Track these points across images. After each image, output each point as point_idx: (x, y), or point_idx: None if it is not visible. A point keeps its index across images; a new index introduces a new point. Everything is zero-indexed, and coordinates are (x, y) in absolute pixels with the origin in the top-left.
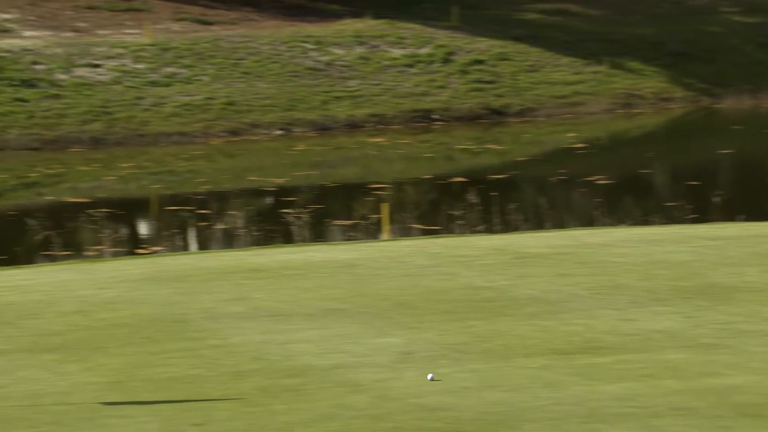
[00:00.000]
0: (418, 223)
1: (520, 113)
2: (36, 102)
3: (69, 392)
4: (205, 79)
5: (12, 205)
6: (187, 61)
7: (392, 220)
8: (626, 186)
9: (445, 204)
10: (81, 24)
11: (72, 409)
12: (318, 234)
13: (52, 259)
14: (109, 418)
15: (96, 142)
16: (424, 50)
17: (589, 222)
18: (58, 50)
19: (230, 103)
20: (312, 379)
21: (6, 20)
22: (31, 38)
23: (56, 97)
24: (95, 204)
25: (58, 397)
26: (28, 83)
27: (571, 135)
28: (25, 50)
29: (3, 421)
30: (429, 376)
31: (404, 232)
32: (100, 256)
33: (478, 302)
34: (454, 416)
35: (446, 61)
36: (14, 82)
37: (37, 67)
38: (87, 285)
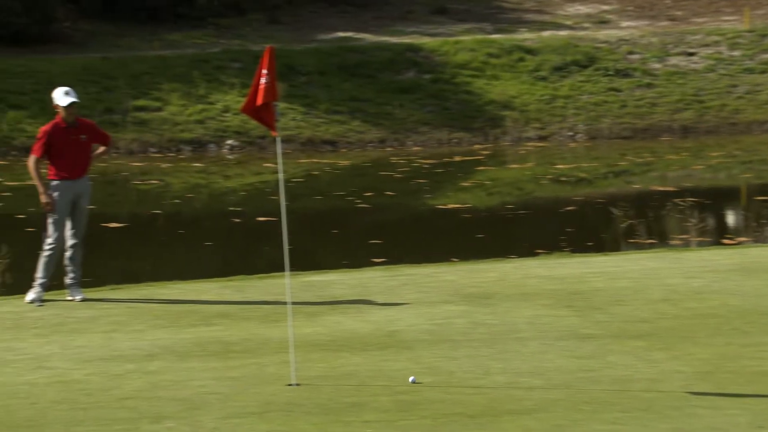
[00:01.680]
0: None
1: None
2: (629, 91)
3: (657, 380)
4: None
5: (601, 193)
6: None
7: None
8: None
9: None
10: (677, 12)
11: (660, 397)
12: None
13: (639, 246)
14: (698, 408)
15: (686, 131)
16: None
17: None
18: (654, 39)
19: None
20: None
21: (605, 11)
22: (627, 28)
23: (649, 86)
24: (682, 193)
25: (646, 384)
26: (622, 73)
27: None
28: (622, 40)
29: (594, 403)
30: (411, 379)
31: None
32: (686, 245)
33: None
34: None
35: None
36: (609, 72)
37: (632, 56)
38: (674, 274)
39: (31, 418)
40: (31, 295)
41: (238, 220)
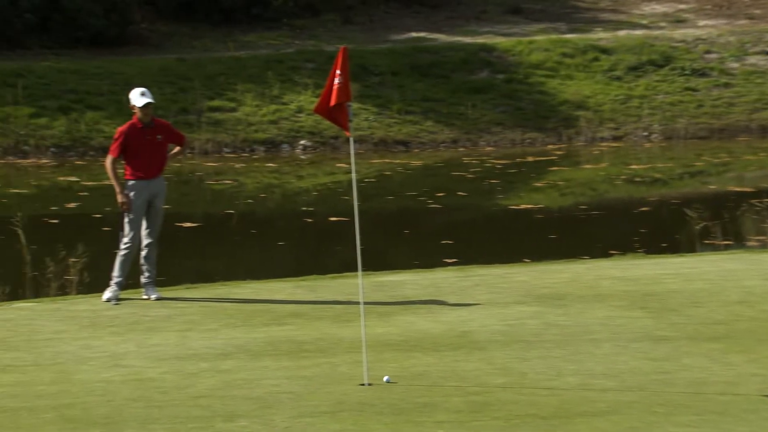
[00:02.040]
0: None
1: None
2: (706, 91)
3: (733, 382)
4: None
5: (676, 194)
6: None
7: None
8: None
9: None
10: (756, 11)
11: (737, 400)
12: None
13: (715, 248)
14: None
15: (764, 131)
16: None
17: None
18: (731, 38)
19: None
20: None
21: (682, 10)
22: (705, 27)
23: (726, 85)
24: (759, 193)
25: (722, 387)
26: (698, 72)
27: None
28: (699, 39)
29: (669, 405)
30: (385, 378)
31: None
32: (764, 247)
33: None
34: None
35: None
36: (685, 72)
37: (709, 56)
38: (752, 275)
39: (108, 416)
40: (107, 294)
41: (310, 220)
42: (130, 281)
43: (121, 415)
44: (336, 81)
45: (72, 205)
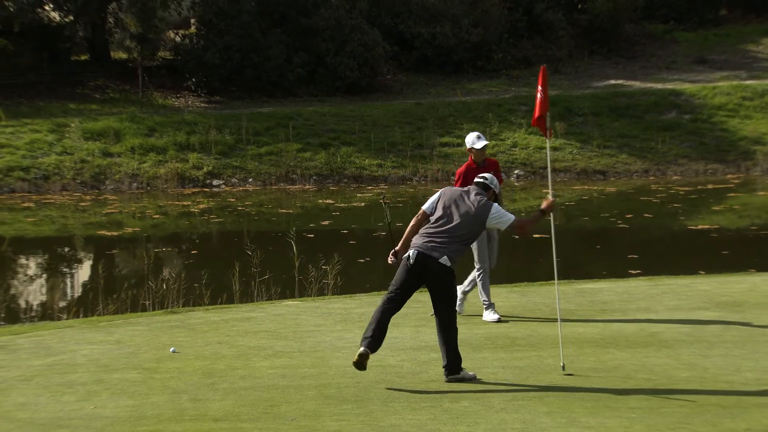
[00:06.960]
0: None
1: None
2: None
3: None
4: None
5: None
6: None
7: None
8: None
9: None
10: None
11: None
12: None
13: None
14: None
15: None
16: None
17: None
18: None
19: None
20: None
21: None
22: None
23: None
24: None
25: None
26: None
27: None
28: None
29: None
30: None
31: None
32: None
33: None
34: None
35: None
36: None
37: None
38: None
39: (357, 395)
40: (493, 316)
41: (517, 237)
42: (368, 285)
43: (367, 395)
44: (538, 96)
45: (326, 222)
